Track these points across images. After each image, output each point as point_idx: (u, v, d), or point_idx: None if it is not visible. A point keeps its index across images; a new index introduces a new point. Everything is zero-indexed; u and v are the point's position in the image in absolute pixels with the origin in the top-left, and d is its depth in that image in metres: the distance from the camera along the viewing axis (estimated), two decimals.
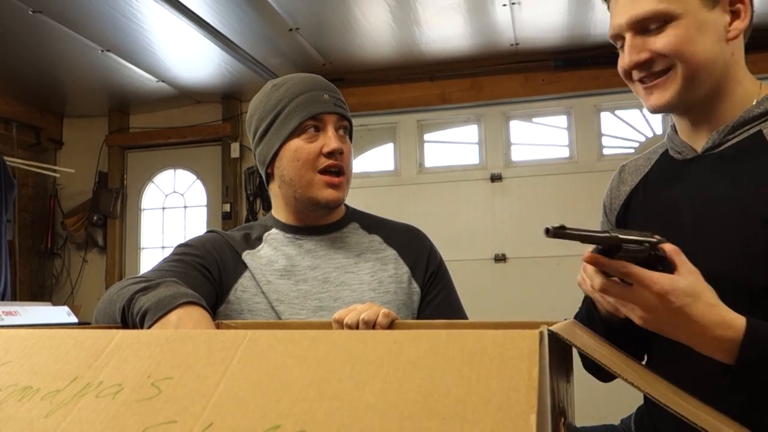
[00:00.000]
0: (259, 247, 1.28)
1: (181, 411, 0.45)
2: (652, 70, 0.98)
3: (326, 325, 1.04)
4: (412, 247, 1.30)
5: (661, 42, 0.96)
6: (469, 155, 4.34)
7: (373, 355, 0.46)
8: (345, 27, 3.62)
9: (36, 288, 4.80)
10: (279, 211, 1.32)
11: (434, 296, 1.26)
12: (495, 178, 4.20)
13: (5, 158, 4.13)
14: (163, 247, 4.87)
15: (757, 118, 0.96)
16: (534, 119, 4.32)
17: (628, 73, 1.02)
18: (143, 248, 4.89)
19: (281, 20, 3.47)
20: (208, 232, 1.33)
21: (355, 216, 1.34)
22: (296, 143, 1.21)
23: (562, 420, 0.63)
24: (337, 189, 1.22)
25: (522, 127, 4.33)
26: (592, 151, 4.08)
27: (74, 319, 3.70)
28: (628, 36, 0.99)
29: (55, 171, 4.72)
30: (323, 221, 1.29)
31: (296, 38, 3.72)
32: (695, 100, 0.99)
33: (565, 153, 4.20)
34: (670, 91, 0.98)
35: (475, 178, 4.25)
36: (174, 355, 0.49)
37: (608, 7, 1.04)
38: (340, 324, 0.99)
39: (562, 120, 4.23)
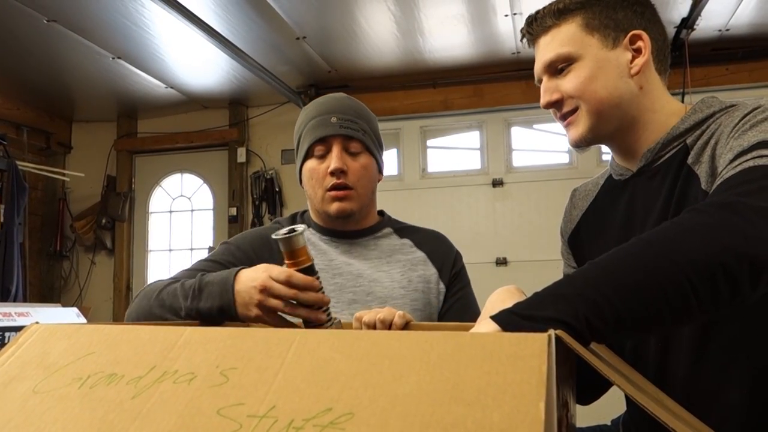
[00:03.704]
0: None
1: (247, 395, 0.53)
2: (562, 110, 1.07)
3: (347, 327, 1.13)
4: (440, 251, 1.41)
5: (567, 83, 1.05)
6: (471, 161, 4.41)
7: (408, 351, 0.54)
8: (350, 36, 3.70)
9: (45, 290, 4.86)
10: (314, 217, 1.43)
11: (455, 293, 1.37)
12: (496, 183, 4.28)
13: (16, 162, 4.21)
14: (170, 250, 4.94)
15: (684, 134, 1.01)
16: (535, 126, 4.38)
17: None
18: (151, 251, 4.96)
19: (288, 29, 3.54)
20: (253, 229, 1.43)
21: (390, 222, 1.45)
22: (310, 164, 1.34)
23: (566, 411, 0.71)
24: (343, 201, 1.31)
25: (523, 134, 4.40)
26: (592, 157, 4.15)
27: (83, 321, 3.76)
28: (544, 79, 1.09)
29: (64, 175, 4.79)
30: (354, 228, 1.38)
31: (303, 46, 3.80)
32: (610, 133, 1.06)
33: (565, 159, 4.27)
34: (581, 127, 1.06)
35: (477, 183, 4.32)
36: (236, 350, 0.58)
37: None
38: (359, 322, 1.08)
39: (562, 127, 4.30)
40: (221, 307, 1.09)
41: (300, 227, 1.04)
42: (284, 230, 1.02)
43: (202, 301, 1.11)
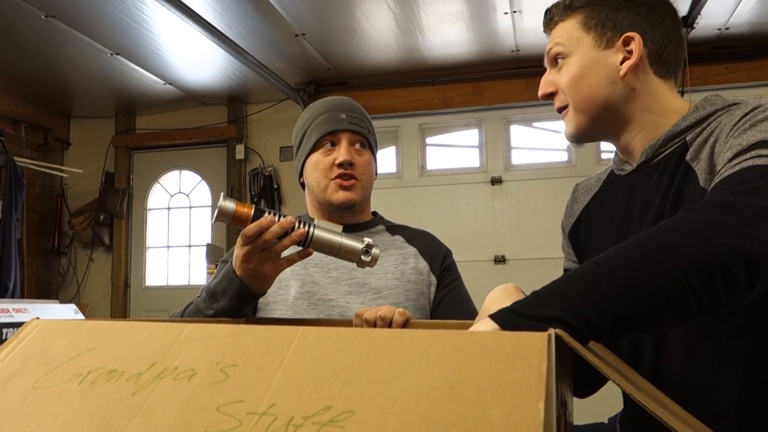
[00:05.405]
0: None
1: (247, 392, 0.53)
2: (556, 103, 1.10)
3: (347, 323, 1.14)
4: (430, 247, 1.46)
5: (560, 78, 1.08)
6: (470, 158, 4.42)
7: (408, 350, 0.54)
8: (350, 33, 3.70)
9: (43, 286, 4.86)
10: (312, 213, 1.47)
11: (446, 284, 1.41)
12: (495, 181, 4.28)
13: (14, 158, 4.20)
14: (168, 247, 4.94)
15: (685, 131, 1.01)
16: (534, 124, 4.39)
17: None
18: (149, 247, 4.96)
19: (287, 26, 3.54)
20: None
21: (382, 221, 1.51)
22: (316, 156, 1.40)
23: (564, 410, 0.71)
24: (348, 190, 1.37)
25: (522, 132, 4.41)
26: (591, 155, 4.15)
27: (81, 317, 3.76)
28: (547, 71, 1.12)
29: (62, 171, 4.78)
30: (351, 221, 1.41)
31: (302, 43, 3.79)
32: (603, 131, 1.08)
33: (564, 157, 4.28)
34: (572, 123, 1.08)
35: (475, 181, 4.32)
36: (236, 347, 0.58)
37: None
38: (360, 318, 1.11)
39: (561, 125, 4.29)
40: (238, 293, 1.15)
41: (220, 198, 1.09)
42: (214, 216, 1.09)
43: (221, 301, 1.17)
